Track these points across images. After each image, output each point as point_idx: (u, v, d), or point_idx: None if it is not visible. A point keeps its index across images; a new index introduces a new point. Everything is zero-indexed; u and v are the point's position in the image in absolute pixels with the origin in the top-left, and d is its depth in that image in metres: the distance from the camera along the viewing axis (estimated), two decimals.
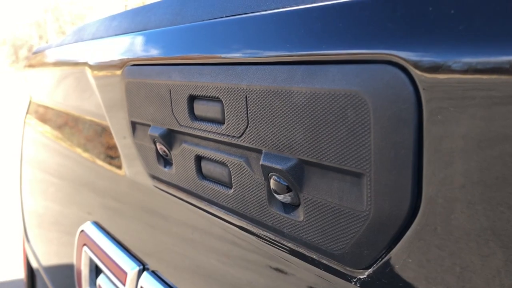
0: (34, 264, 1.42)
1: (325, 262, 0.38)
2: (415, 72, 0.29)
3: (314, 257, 0.39)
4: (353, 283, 0.36)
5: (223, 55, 0.46)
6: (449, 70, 0.27)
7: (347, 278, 0.36)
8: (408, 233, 0.31)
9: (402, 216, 0.31)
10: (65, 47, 1.02)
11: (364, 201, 0.32)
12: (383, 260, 0.33)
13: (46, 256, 1.30)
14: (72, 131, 1.13)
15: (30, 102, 1.54)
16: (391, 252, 0.32)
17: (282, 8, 0.41)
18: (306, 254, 0.40)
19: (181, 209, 0.61)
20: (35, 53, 1.40)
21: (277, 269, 0.46)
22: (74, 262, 0.90)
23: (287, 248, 0.42)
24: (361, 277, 0.35)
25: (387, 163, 0.30)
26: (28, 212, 1.50)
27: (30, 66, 1.39)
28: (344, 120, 0.32)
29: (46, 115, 1.35)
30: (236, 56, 0.44)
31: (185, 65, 0.52)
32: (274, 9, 0.42)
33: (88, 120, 0.98)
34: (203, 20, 0.52)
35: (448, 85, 0.27)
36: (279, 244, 0.43)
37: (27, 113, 1.56)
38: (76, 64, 0.90)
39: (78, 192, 1.04)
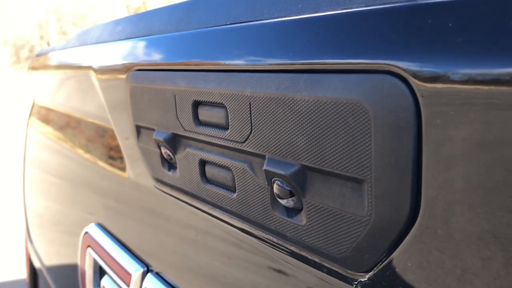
0: (37, 264, 1.43)
1: (327, 265, 0.39)
2: (414, 82, 0.30)
3: (316, 260, 0.40)
4: (354, 286, 0.37)
5: (227, 62, 0.47)
6: (447, 80, 0.28)
7: (348, 281, 0.37)
8: (408, 237, 0.32)
9: (402, 220, 0.32)
10: (69, 50, 1.03)
11: (365, 206, 0.33)
12: (384, 264, 0.34)
13: (49, 256, 1.32)
14: (75, 133, 1.14)
15: (33, 104, 1.55)
16: (391, 256, 0.33)
17: (285, 17, 0.42)
18: (309, 257, 0.41)
19: (185, 212, 0.62)
20: (38, 55, 1.41)
21: (280, 272, 0.47)
22: (78, 263, 0.92)
23: (289, 251, 0.43)
24: (362, 280, 0.36)
25: (387, 170, 0.31)
26: (32, 213, 1.51)
27: (33, 68, 1.40)
28: (345, 127, 0.33)
29: (50, 117, 1.36)
30: (240, 63, 0.45)
31: (190, 71, 0.53)
32: (277, 18, 0.43)
33: (92, 122, 0.99)
34: (207, 27, 0.53)
35: (446, 94, 0.28)
36: (282, 247, 0.44)
37: (30, 114, 1.57)
38: (80, 67, 0.91)
39: (82, 193, 1.05)
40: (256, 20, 0.46)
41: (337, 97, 0.34)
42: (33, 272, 1.58)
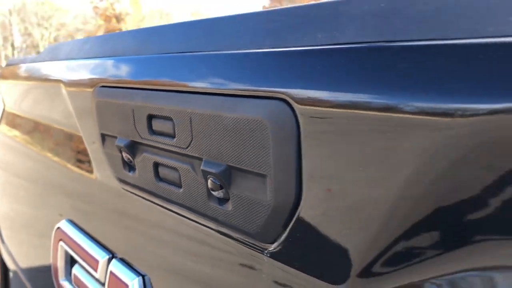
0: (10, 265, 1.51)
1: (247, 240, 0.52)
2: (296, 106, 0.43)
3: (240, 237, 0.53)
4: (265, 254, 0.50)
5: (175, 83, 0.59)
6: (319, 104, 0.41)
7: (261, 251, 0.50)
8: (296, 216, 0.45)
9: (291, 204, 0.45)
10: (40, 64, 1.12)
11: (268, 194, 0.46)
12: (283, 237, 0.47)
13: (22, 256, 1.40)
14: (45, 138, 1.24)
15: (3, 110, 1.63)
16: (286, 230, 0.46)
17: (217, 51, 0.54)
18: (235, 235, 0.54)
19: (144, 206, 0.73)
20: (8, 65, 1.50)
21: (215, 247, 0.60)
22: (51, 256, 1.01)
23: (222, 232, 0.56)
24: (270, 249, 0.49)
25: (280, 168, 0.44)
26: (2, 215, 1.59)
27: (3, 77, 1.48)
28: (254, 138, 0.46)
29: (19, 123, 1.45)
30: (185, 85, 0.58)
31: (146, 90, 0.64)
32: (212, 51, 0.55)
33: (61, 129, 1.09)
34: (161, 53, 0.65)
35: (319, 115, 0.41)
36: (215, 229, 0.57)
37: (0, 120, 1.64)
38: (51, 80, 1.02)
39: (51, 195, 1.15)
40: (197, 52, 0.58)
41: (249, 116, 0.47)
42: (4, 273, 1.65)
